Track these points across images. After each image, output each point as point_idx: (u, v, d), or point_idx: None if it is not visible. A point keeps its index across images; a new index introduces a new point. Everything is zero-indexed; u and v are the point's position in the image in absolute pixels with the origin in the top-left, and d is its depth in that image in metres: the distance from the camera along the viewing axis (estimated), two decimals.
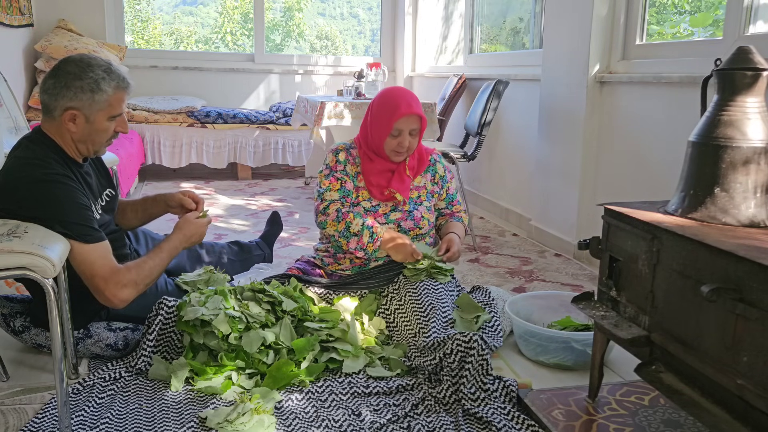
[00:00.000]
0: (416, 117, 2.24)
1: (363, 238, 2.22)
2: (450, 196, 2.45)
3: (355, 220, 2.24)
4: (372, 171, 2.30)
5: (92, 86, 1.78)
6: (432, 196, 2.40)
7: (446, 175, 2.43)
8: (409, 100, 2.26)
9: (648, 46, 2.92)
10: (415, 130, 2.26)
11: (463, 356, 1.75)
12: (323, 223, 2.29)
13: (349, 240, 2.24)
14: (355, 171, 2.34)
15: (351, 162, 2.34)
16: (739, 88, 1.35)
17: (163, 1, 9.72)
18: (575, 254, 3.19)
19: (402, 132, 2.24)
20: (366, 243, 2.22)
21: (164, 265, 1.92)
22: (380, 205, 2.31)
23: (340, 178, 2.32)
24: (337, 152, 2.36)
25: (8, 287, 2.28)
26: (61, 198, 1.74)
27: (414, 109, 2.24)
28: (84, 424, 1.59)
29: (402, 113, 2.21)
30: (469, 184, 4.50)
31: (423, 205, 2.35)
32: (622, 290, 1.51)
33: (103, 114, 1.83)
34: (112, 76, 1.82)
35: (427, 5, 5.65)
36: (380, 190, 2.29)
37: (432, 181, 2.40)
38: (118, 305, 1.80)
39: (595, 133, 3.11)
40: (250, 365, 1.83)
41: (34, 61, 4.71)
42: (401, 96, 2.27)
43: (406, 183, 2.31)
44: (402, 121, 2.22)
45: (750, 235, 1.27)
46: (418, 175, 2.37)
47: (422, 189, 2.37)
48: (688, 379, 1.32)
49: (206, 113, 5.28)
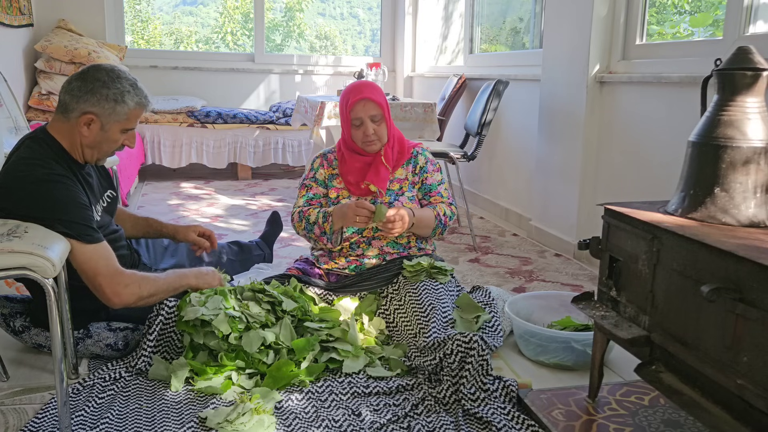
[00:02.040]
0: (372, 103, 2.25)
1: (319, 220, 2.26)
2: (427, 186, 2.38)
3: (312, 212, 2.29)
4: (349, 171, 2.33)
5: (117, 97, 1.82)
6: (413, 187, 2.39)
7: (427, 166, 2.40)
8: (362, 88, 2.28)
9: (648, 46, 2.92)
10: (376, 116, 2.26)
11: (463, 356, 1.75)
12: (295, 228, 2.35)
13: (312, 231, 2.29)
14: (330, 173, 2.37)
15: (325, 166, 2.39)
16: (739, 88, 1.35)
17: (163, 1, 9.72)
18: (575, 254, 3.19)
19: (363, 120, 2.26)
20: (322, 223, 2.25)
21: (171, 283, 1.92)
22: (359, 199, 2.32)
23: (307, 185, 2.39)
24: (313, 159, 2.43)
25: (8, 287, 2.28)
26: (62, 198, 1.74)
27: (365, 94, 2.25)
28: (84, 424, 1.59)
29: (353, 101, 2.25)
30: (469, 184, 4.50)
31: (404, 195, 2.34)
32: (622, 290, 1.51)
33: (118, 125, 1.86)
34: (137, 92, 1.87)
35: (427, 5, 5.65)
36: (357, 186, 2.32)
37: (413, 172, 2.40)
38: (118, 304, 1.80)
39: (595, 133, 3.11)
40: (250, 365, 1.83)
41: (34, 61, 4.71)
42: (354, 86, 2.32)
43: (382, 174, 2.30)
44: (357, 108, 2.25)
45: (750, 235, 1.27)
46: (398, 167, 2.37)
47: (404, 180, 2.37)
48: (688, 379, 1.32)
49: (206, 113, 5.28)
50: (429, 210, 2.32)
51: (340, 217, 2.22)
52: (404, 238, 2.33)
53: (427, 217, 2.30)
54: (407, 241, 2.33)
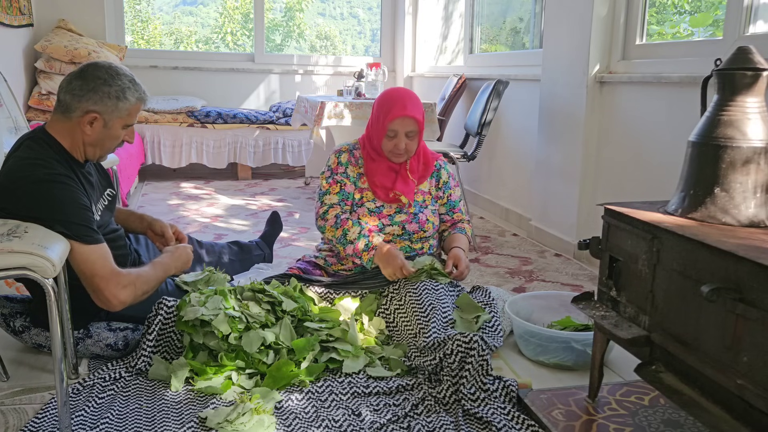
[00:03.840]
0: (412, 120, 2.22)
1: (358, 245, 2.21)
2: (451, 203, 2.42)
3: (353, 228, 2.23)
4: (376, 171, 2.29)
5: (118, 94, 1.83)
6: (436, 201, 2.40)
7: (450, 181, 2.42)
8: (405, 102, 2.24)
9: (648, 46, 2.92)
10: (412, 132, 2.25)
11: (463, 356, 1.75)
12: (322, 228, 2.29)
13: (345, 247, 2.24)
14: (357, 172, 2.33)
15: (353, 163, 2.34)
16: (739, 88, 1.35)
17: (163, 1, 9.73)
18: (575, 254, 3.19)
19: (397, 133, 2.23)
20: (361, 251, 2.21)
21: (159, 278, 1.93)
22: (384, 206, 2.31)
23: (339, 181, 2.31)
24: (339, 153, 2.36)
25: (8, 287, 2.28)
26: (62, 198, 1.74)
27: (408, 111, 2.22)
28: (84, 424, 1.59)
29: (395, 115, 2.21)
30: (469, 184, 4.50)
31: (428, 208, 2.34)
32: (622, 290, 1.51)
33: (120, 122, 1.87)
34: (136, 87, 1.88)
35: (427, 5, 5.65)
36: (385, 192, 2.29)
37: (436, 186, 2.40)
38: (116, 307, 1.79)
39: (595, 133, 3.11)
40: (250, 365, 1.83)
41: (34, 61, 4.71)
42: (398, 97, 2.26)
43: (410, 186, 2.30)
44: (396, 122, 2.22)
45: (750, 235, 1.27)
46: (424, 180, 2.37)
47: (427, 194, 2.37)
48: (688, 379, 1.32)
49: (206, 113, 5.28)
50: (464, 237, 2.37)
51: (383, 263, 2.18)
52: (418, 243, 2.33)
53: (467, 247, 2.36)
54: (411, 242, 2.34)
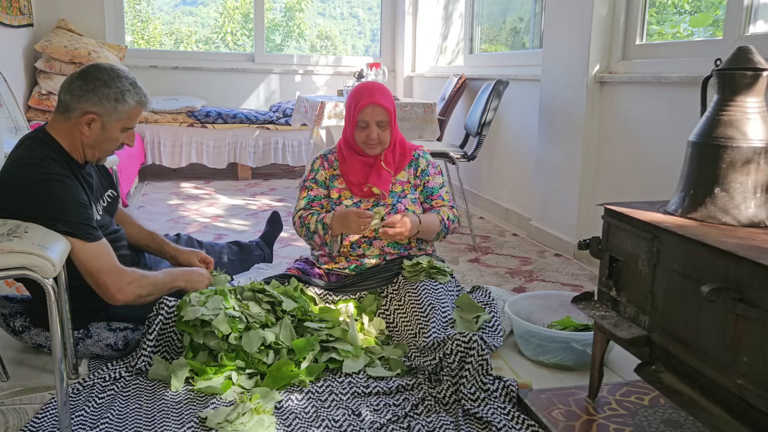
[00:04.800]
0: (381, 109, 2.25)
1: (320, 231, 2.26)
2: (429, 190, 2.39)
3: (311, 219, 2.29)
4: (349, 170, 2.33)
5: (117, 96, 1.83)
6: (415, 190, 2.39)
7: (429, 169, 2.41)
8: (373, 91, 2.27)
9: (648, 46, 2.92)
10: (383, 122, 2.27)
11: (463, 356, 1.75)
12: (297, 233, 2.36)
13: (313, 240, 2.30)
14: (331, 174, 2.37)
15: (326, 167, 2.38)
16: (739, 88, 1.35)
17: (163, 1, 9.72)
18: (575, 254, 3.19)
19: (369, 124, 2.26)
20: (323, 235, 2.25)
21: (166, 283, 1.93)
22: (362, 201, 2.32)
23: (308, 187, 2.39)
24: (314, 161, 2.43)
25: (8, 287, 2.28)
26: (61, 197, 1.74)
27: (376, 98, 2.24)
28: (84, 424, 1.59)
29: (363, 104, 2.24)
30: (469, 184, 4.50)
31: (407, 198, 2.34)
32: (622, 290, 1.51)
33: (119, 124, 1.87)
34: (136, 90, 1.87)
35: (427, 5, 5.65)
36: (359, 188, 2.31)
37: (414, 175, 2.40)
38: (120, 301, 1.80)
39: (595, 133, 3.11)
40: (250, 365, 1.83)
41: (34, 61, 4.71)
42: (366, 89, 2.30)
43: (383, 177, 2.31)
44: (366, 112, 2.24)
45: (750, 235, 1.27)
46: (401, 170, 2.37)
47: (406, 183, 2.37)
48: (688, 379, 1.32)
49: (206, 113, 5.28)
50: (434, 215, 2.33)
51: (340, 225, 2.22)
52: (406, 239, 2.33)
53: (432, 223, 2.31)
54: (408, 241, 2.34)
